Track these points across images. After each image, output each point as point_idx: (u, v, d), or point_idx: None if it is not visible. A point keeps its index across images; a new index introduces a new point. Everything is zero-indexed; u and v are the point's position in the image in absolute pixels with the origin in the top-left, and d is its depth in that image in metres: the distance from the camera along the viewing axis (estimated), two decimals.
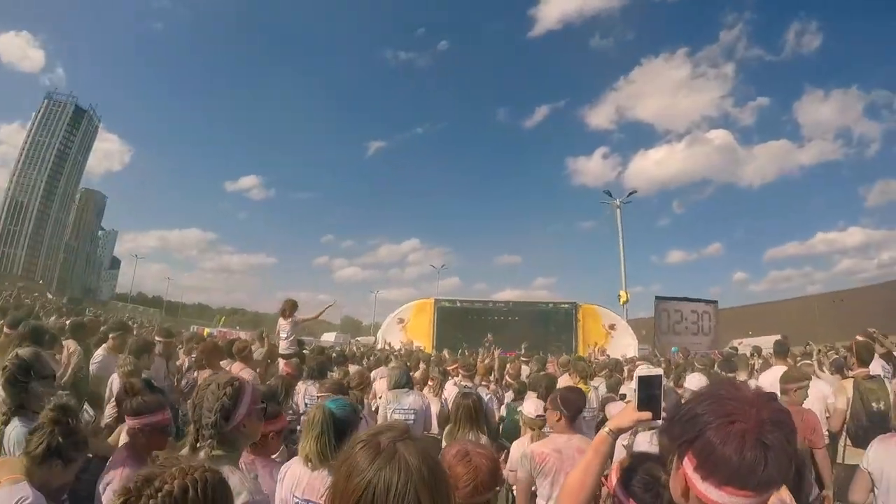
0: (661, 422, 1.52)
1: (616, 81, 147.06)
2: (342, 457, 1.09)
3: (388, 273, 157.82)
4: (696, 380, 5.42)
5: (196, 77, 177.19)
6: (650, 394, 1.57)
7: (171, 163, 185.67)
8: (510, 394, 6.33)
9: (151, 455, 2.13)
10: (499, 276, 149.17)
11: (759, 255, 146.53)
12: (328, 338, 36.07)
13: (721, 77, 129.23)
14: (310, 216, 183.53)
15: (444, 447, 1.95)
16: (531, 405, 4.34)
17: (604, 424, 1.66)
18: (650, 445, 3.78)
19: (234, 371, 5.04)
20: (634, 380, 1.63)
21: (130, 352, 4.97)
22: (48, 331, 5.23)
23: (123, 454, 2.62)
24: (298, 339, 8.02)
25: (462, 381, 6.23)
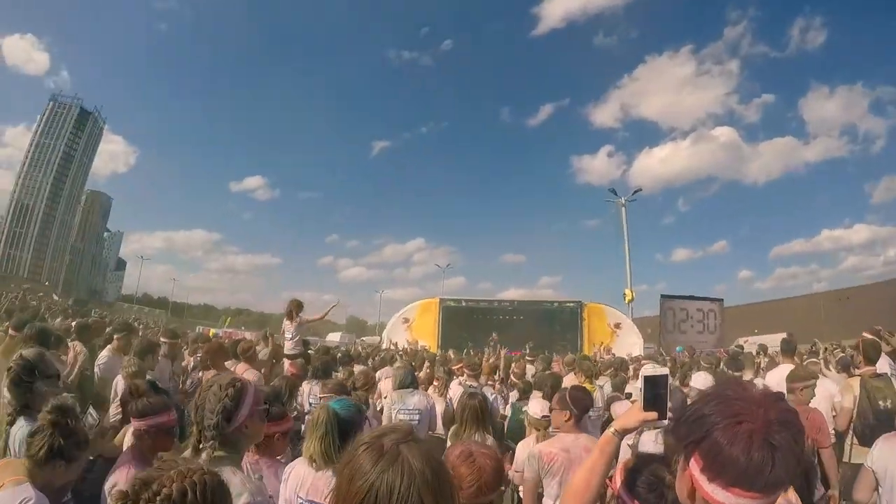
0: (667, 422, 1.52)
1: (620, 79, 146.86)
2: (345, 459, 1.08)
3: (393, 273, 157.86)
4: (702, 379, 5.39)
5: (200, 78, 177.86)
6: (656, 393, 1.55)
7: (177, 164, 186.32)
8: (515, 393, 6.31)
9: (157, 456, 2.14)
10: (504, 276, 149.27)
11: (765, 253, 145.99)
12: (333, 338, 36.18)
13: (726, 74, 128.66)
14: (314, 216, 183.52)
15: (448, 448, 1.94)
16: (537, 405, 4.32)
17: (609, 424, 1.65)
18: (655, 445, 3.77)
19: (239, 372, 5.04)
20: (640, 379, 1.62)
21: (135, 353, 4.99)
22: (54, 332, 5.26)
23: (129, 455, 2.63)
24: (304, 340, 8.01)
25: (467, 381, 6.22)
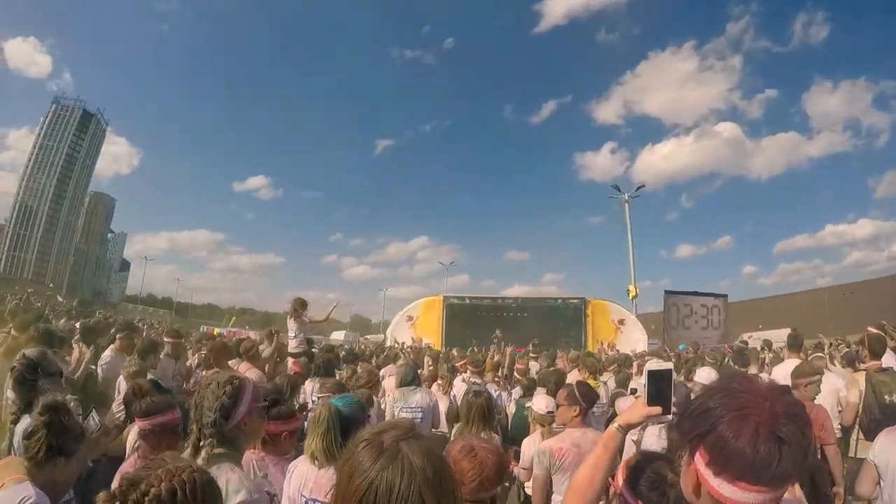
0: (671, 416, 1.51)
1: (623, 76, 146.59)
2: (345, 456, 1.07)
3: (397, 271, 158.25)
4: (707, 373, 5.37)
5: (203, 78, 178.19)
6: (660, 388, 1.55)
7: (180, 164, 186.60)
8: (518, 390, 6.30)
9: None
10: (507, 273, 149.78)
11: (769, 249, 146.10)
12: (337, 336, 36.30)
13: (728, 69, 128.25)
14: (318, 215, 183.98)
15: (450, 443, 1.93)
16: (541, 401, 4.31)
17: (614, 420, 1.64)
18: (659, 439, 3.77)
19: (241, 371, 5.04)
20: (644, 374, 1.61)
21: (136, 352, 5.00)
22: (58, 333, 5.27)
23: (135, 455, 2.63)
24: (308, 339, 8.02)
25: (471, 378, 6.20)
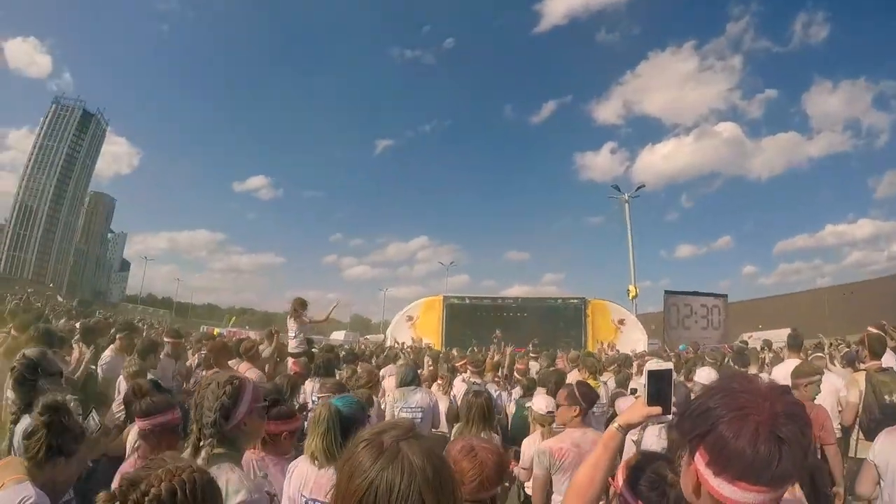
0: (671, 416, 1.50)
1: (623, 76, 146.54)
2: (345, 455, 1.06)
3: (397, 271, 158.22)
4: (706, 373, 5.36)
5: (203, 78, 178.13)
6: (660, 388, 1.54)
7: (180, 164, 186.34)
8: (518, 390, 6.30)
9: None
10: (507, 273, 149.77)
11: (769, 249, 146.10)
12: (337, 336, 36.28)
13: (728, 69, 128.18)
14: (318, 215, 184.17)
15: (450, 443, 1.93)
16: (541, 401, 4.30)
17: (614, 420, 1.64)
18: (659, 439, 3.76)
19: (241, 371, 5.04)
20: (644, 374, 1.60)
21: (136, 352, 5.00)
22: (58, 333, 5.27)
23: (135, 455, 2.62)
24: (308, 339, 8.01)
25: (471, 378, 6.20)
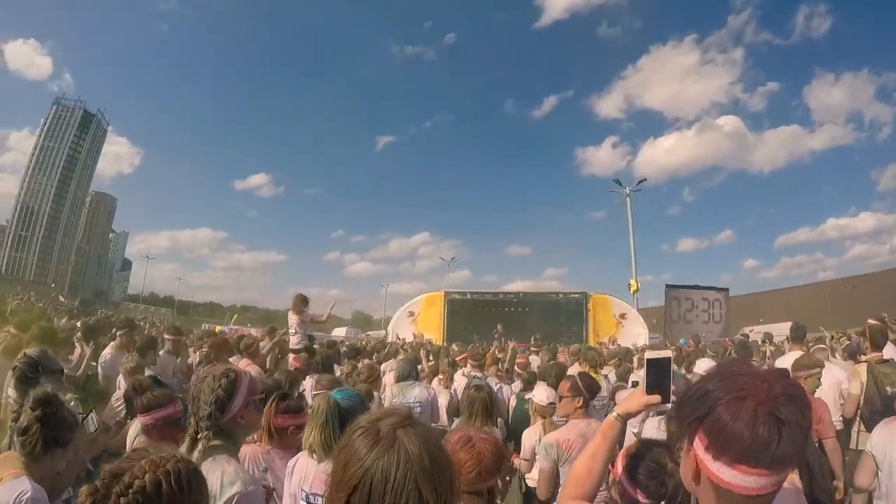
0: (670, 405, 1.48)
1: (624, 70, 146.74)
2: (342, 443, 1.05)
3: (399, 267, 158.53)
4: (706, 365, 5.33)
5: (203, 77, 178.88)
6: (659, 377, 1.53)
7: (181, 163, 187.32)
8: (518, 384, 6.30)
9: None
10: (509, 268, 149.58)
11: (771, 242, 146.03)
12: (339, 332, 36.27)
13: (730, 63, 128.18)
14: (319, 212, 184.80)
15: (448, 433, 1.92)
16: (542, 392, 4.30)
17: (613, 409, 1.63)
18: (658, 431, 3.75)
19: (242, 367, 5.03)
20: (643, 362, 1.59)
21: (136, 349, 5.01)
22: (59, 332, 5.28)
23: None
24: (309, 335, 8.01)
25: (472, 372, 6.20)
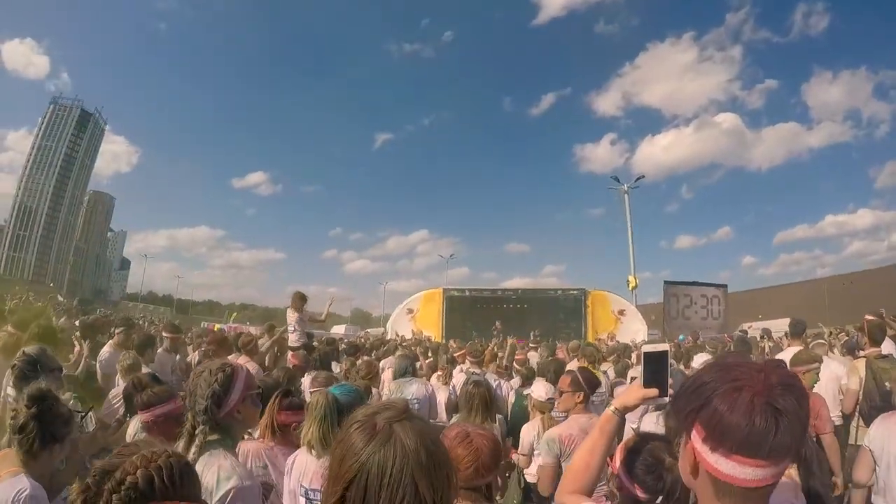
0: (668, 399, 1.46)
1: (622, 67, 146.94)
2: (338, 437, 1.05)
3: (398, 264, 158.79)
4: (703, 360, 5.35)
5: (201, 75, 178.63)
6: (656, 370, 1.52)
7: (179, 162, 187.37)
8: (517, 380, 6.30)
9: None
10: (508, 265, 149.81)
11: (769, 239, 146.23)
12: (338, 330, 36.23)
13: (728, 60, 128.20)
14: (318, 210, 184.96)
15: (445, 429, 1.92)
16: (541, 388, 4.30)
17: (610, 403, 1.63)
18: (657, 426, 3.75)
19: (240, 364, 5.05)
20: (639, 355, 1.58)
21: (134, 347, 5.01)
22: (58, 330, 5.28)
23: None
24: (308, 333, 8.01)
25: (470, 368, 6.20)
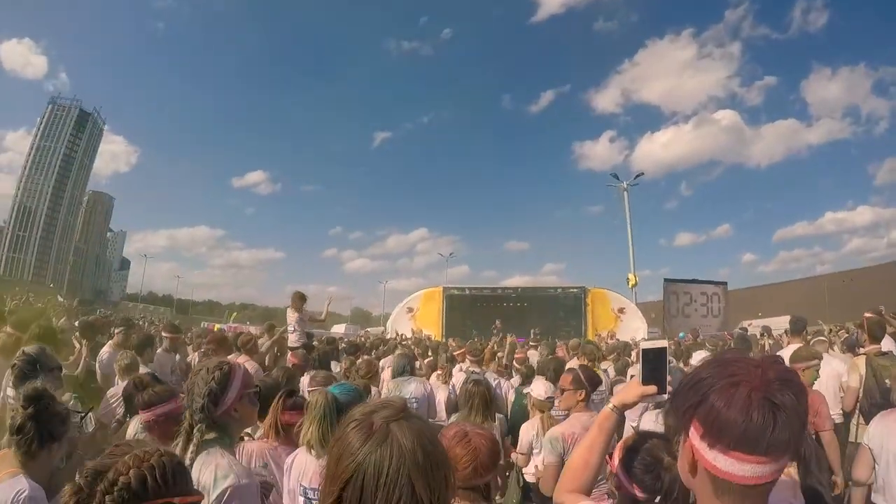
0: (667, 395, 1.46)
1: (621, 64, 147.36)
2: (335, 436, 1.04)
3: (397, 263, 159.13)
4: (701, 357, 5.35)
5: (199, 75, 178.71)
6: (655, 367, 1.52)
7: (178, 161, 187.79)
8: (517, 378, 6.29)
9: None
10: (508, 263, 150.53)
11: (768, 236, 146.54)
12: (338, 329, 36.24)
13: (727, 57, 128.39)
14: (317, 209, 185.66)
15: (444, 429, 1.91)
16: (541, 387, 4.31)
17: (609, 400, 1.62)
18: (656, 425, 3.75)
19: (239, 363, 5.05)
20: (638, 352, 1.58)
21: (133, 347, 5.01)
22: (58, 331, 5.28)
23: None
24: (307, 333, 8.01)
25: (470, 367, 6.20)
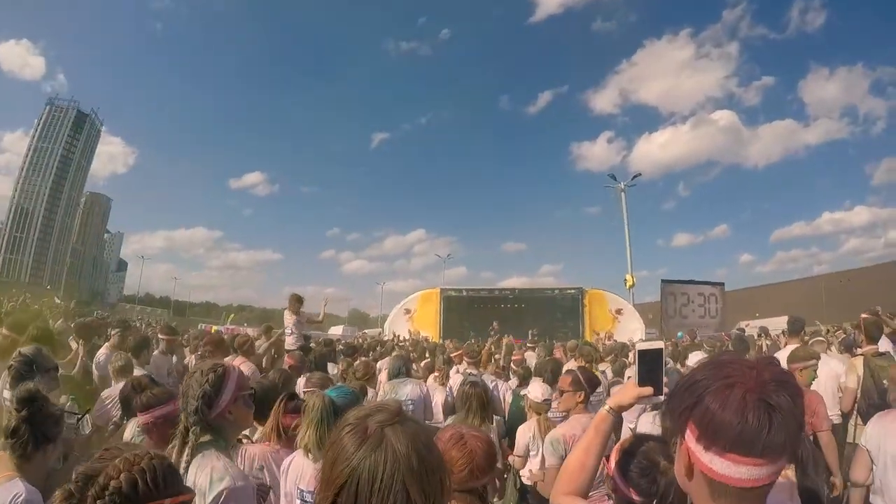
0: (663, 397, 1.47)
1: (619, 64, 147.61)
2: (330, 440, 1.03)
3: (395, 265, 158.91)
4: (698, 358, 5.34)
5: (197, 76, 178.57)
6: (651, 368, 1.51)
7: (176, 163, 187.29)
8: (514, 380, 6.29)
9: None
10: (505, 264, 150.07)
11: (766, 237, 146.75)
12: (336, 331, 36.20)
13: (725, 57, 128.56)
14: (315, 210, 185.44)
15: (440, 431, 1.90)
16: (538, 389, 4.30)
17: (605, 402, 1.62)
18: (654, 426, 3.75)
19: (236, 365, 5.04)
20: (634, 353, 1.57)
21: (129, 348, 4.99)
22: (55, 332, 5.27)
23: None
24: (304, 335, 8.00)
25: (467, 369, 6.19)
